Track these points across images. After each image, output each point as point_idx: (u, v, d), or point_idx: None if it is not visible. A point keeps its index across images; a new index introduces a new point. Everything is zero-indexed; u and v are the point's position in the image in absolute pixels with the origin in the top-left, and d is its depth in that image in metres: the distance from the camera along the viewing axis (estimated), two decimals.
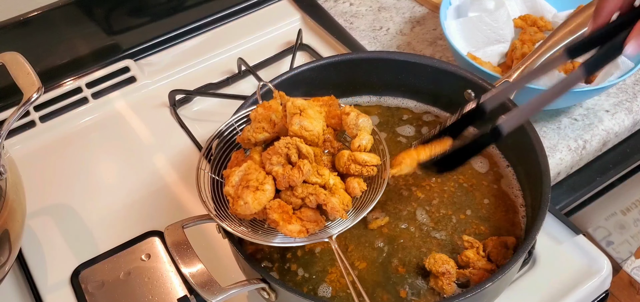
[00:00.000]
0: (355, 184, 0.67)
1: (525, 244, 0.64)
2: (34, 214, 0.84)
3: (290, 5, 1.14)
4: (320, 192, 0.64)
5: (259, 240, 0.65)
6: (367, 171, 0.67)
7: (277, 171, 0.64)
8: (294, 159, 0.65)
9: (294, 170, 0.63)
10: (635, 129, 0.97)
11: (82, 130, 0.96)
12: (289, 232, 0.63)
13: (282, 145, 0.65)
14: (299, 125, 0.67)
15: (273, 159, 0.65)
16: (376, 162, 0.68)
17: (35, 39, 0.99)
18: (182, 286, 0.75)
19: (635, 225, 1.16)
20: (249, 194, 0.63)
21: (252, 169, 0.65)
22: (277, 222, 0.63)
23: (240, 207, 0.63)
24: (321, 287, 0.69)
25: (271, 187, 0.64)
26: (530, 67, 0.80)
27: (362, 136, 0.69)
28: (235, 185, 0.65)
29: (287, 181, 0.64)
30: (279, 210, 0.63)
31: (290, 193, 0.65)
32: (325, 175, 0.66)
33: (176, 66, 1.05)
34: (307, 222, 0.64)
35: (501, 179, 0.78)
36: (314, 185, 0.65)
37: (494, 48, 0.97)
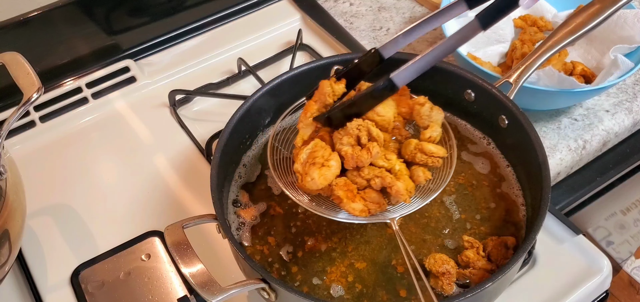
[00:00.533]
0: (420, 172, 0.69)
1: (525, 244, 0.64)
2: (34, 214, 0.84)
3: (290, 5, 1.14)
4: (387, 176, 0.66)
5: (322, 212, 0.67)
6: (432, 162, 0.69)
7: (346, 150, 0.67)
8: (364, 141, 0.67)
9: (363, 151, 0.66)
10: (635, 129, 0.97)
11: (82, 130, 0.96)
12: (352, 209, 0.65)
13: (353, 126, 0.68)
14: (372, 111, 0.69)
15: (344, 139, 0.67)
16: (443, 154, 0.70)
17: (35, 39, 0.99)
18: (182, 286, 0.75)
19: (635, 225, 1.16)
20: (315, 170, 0.66)
21: (319, 147, 0.67)
22: (341, 198, 0.65)
23: (308, 183, 0.66)
24: (321, 287, 0.69)
25: (337, 164, 0.67)
26: (530, 67, 0.80)
27: (433, 128, 0.71)
28: (303, 162, 0.67)
29: (355, 161, 0.66)
30: (344, 188, 0.66)
31: (357, 173, 0.67)
32: (392, 160, 0.68)
33: (176, 66, 1.05)
34: (370, 203, 0.66)
35: (501, 179, 0.78)
36: (381, 168, 0.67)
37: (494, 48, 0.97)
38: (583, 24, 0.83)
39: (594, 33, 0.87)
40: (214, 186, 0.70)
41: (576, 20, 0.83)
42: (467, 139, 0.83)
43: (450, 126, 0.83)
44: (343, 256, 0.71)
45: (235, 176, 0.79)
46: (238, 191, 0.78)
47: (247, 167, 0.81)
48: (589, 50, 0.98)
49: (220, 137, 0.75)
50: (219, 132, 0.85)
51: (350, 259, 0.71)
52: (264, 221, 0.75)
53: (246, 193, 0.77)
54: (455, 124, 0.84)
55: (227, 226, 0.69)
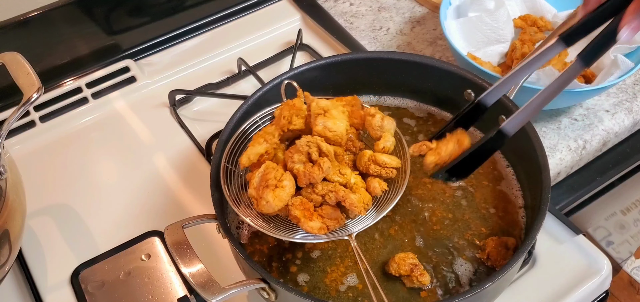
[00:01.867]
0: (376, 183, 0.68)
1: (525, 244, 0.64)
2: (34, 214, 0.84)
3: (290, 5, 1.14)
4: (340, 189, 0.66)
5: (280, 235, 0.66)
6: (386, 173, 0.69)
7: (298, 168, 0.66)
8: (315, 157, 0.66)
9: (315, 167, 0.65)
10: (635, 129, 0.97)
11: (82, 130, 0.96)
12: (310, 228, 0.64)
13: (303, 143, 0.67)
14: (322, 126, 0.68)
15: (294, 157, 0.67)
16: (396, 164, 0.69)
17: (35, 39, 0.99)
18: (182, 286, 0.75)
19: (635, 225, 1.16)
20: (269, 193, 0.64)
21: (270, 168, 0.66)
22: (299, 218, 0.64)
23: (264, 207, 0.65)
24: (321, 287, 0.69)
25: (290, 183, 0.66)
26: None
27: (386, 138, 0.70)
28: (256, 186, 0.66)
29: (307, 178, 0.65)
30: (300, 207, 0.65)
31: (311, 190, 0.66)
32: (346, 174, 0.67)
33: (176, 66, 1.05)
34: (327, 220, 0.65)
35: (501, 179, 0.78)
36: (335, 183, 0.66)
37: (494, 48, 0.97)
38: None
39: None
40: (214, 186, 0.70)
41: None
42: None
43: None
44: (343, 256, 0.71)
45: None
46: None
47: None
48: None
49: (220, 137, 0.75)
50: (219, 132, 0.86)
51: (350, 258, 0.71)
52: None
53: None
54: None
55: (227, 226, 0.69)
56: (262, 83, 0.93)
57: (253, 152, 0.69)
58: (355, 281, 0.69)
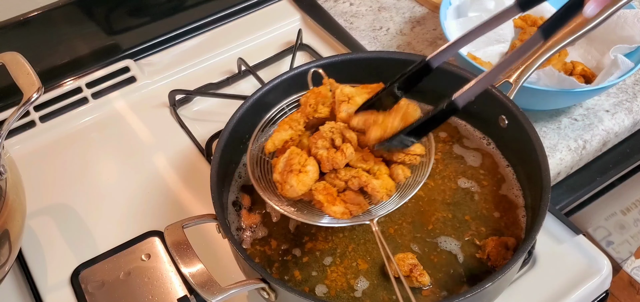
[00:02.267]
0: (399, 170, 0.68)
1: (525, 244, 0.64)
2: (34, 214, 0.84)
3: (290, 5, 1.14)
4: (363, 175, 0.66)
5: (304, 219, 0.67)
6: (410, 159, 0.69)
7: (321, 154, 0.67)
8: (338, 143, 0.67)
9: (338, 153, 0.66)
10: (635, 129, 0.97)
11: (82, 130, 0.96)
12: (333, 213, 0.65)
13: (327, 130, 0.68)
14: (346, 113, 0.69)
15: (318, 143, 0.68)
16: (420, 151, 0.69)
17: (35, 39, 0.99)
18: (182, 286, 0.75)
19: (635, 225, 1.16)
20: (293, 177, 0.66)
21: (294, 154, 0.67)
22: (322, 203, 0.65)
23: (288, 191, 0.66)
24: (321, 287, 0.69)
25: (314, 168, 0.67)
26: (530, 67, 0.80)
27: None
28: (281, 171, 0.67)
29: (330, 163, 0.66)
30: (324, 192, 0.66)
31: (334, 176, 0.67)
32: (369, 161, 0.68)
33: (176, 66, 1.05)
34: (350, 205, 0.66)
35: (501, 179, 0.78)
36: (358, 169, 0.67)
37: (494, 48, 0.97)
38: (583, 24, 0.83)
39: (594, 33, 0.87)
40: (214, 186, 0.70)
41: (576, 20, 0.83)
42: (467, 138, 0.83)
43: (450, 126, 0.83)
44: (343, 256, 0.71)
45: (235, 176, 0.79)
46: (238, 191, 0.78)
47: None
48: (589, 50, 0.98)
49: (220, 137, 0.75)
50: (219, 132, 0.85)
51: (350, 258, 0.71)
52: (264, 221, 0.75)
53: (247, 195, 0.77)
54: (455, 124, 0.84)
55: (227, 226, 0.69)
56: (262, 83, 0.93)
57: (278, 138, 0.70)
58: (356, 281, 0.69)
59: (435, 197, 0.76)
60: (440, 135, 0.83)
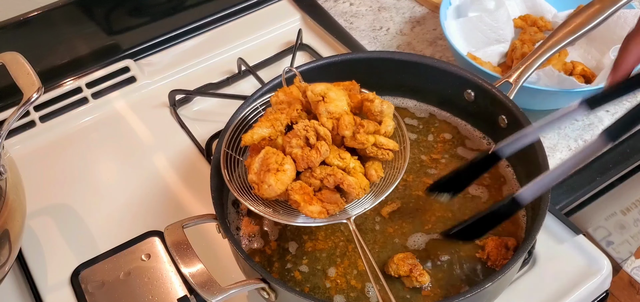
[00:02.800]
0: (373, 170, 0.68)
1: (525, 244, 0.64)
2: (34, 214, 0.84)
3: (290, 5, 1.14)
4: (338, 172, 0.66)
5: (280, 219, 0.67)
6: (382, 154, 0.69)
7: (296, 152, 0.67)
8: (313, 141, 0.67)
9: (312, 151, 0.66)
10: (636, 129, 0.97)
11: (82, 130, 0.96)
12: (310, 212, 0.65)
13: (301, 128, 0.67)
14: (325, 112, 0.68)
15: (292, 142, 0.67)
16: (393, 147, 0.69)
17: (35, 39, 0.99)
18: (182, 286, 0.75)
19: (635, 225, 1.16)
20: (271, 177, 0.65)
21: (270, 153, 0.67)
22: (299, 203, 0.65)
23: (265, 191, 0.65)
24: (321, 287, 0.69)
25: (291, 167, 0.66)
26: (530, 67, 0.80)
27: (386, 123, 0.70)
28: (257, 171, 0.67)
29: (306, 162, 0.66)
30: (300, 191, 0.65)
31: (309, 174, 0.67)
32: (346, 158, 0.68)
33: (176, 66, 1.05)
34: (327, 204, 0.66)
35: (501, 180, 0.78)
36: (333, 167, 0.67)
37: (494, 48, 0.97)
38: (583, 24, 0.83)
39: (594, 33, 0.87)
40: (214, 186, 0.70)
41: (576, 20, 0.83)
42: (467, 138, 0.83)
43: (450, 126, 0.83)
44: (343, 256, 0.71)
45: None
46: None
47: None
48: (589, 50, 0.98)
49: (220, 137, 0.75)
50: (219, 132, 0.86)
51: (350, 258, 0.71)
52: (265, 221, 0.75)
53: None
54: (455, 124, 0.84)
55: (227, 226, 0.69)
56: (262, 83, 0.93)
57: (258, 134, 0.69)
58: (356, 281, 0.69)
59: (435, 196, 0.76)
60: (441, 136, 0.83)
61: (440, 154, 0.81)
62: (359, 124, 0.69)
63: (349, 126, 0.68)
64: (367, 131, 0.68)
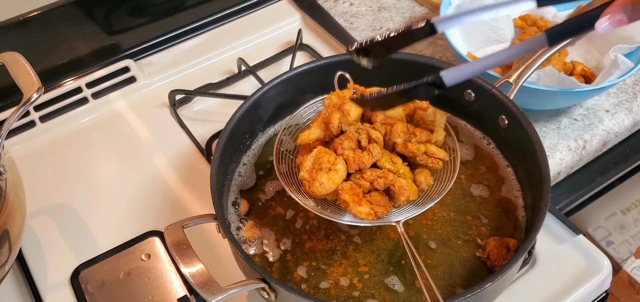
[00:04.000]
0: (422, 178, 0.70)
1: (524, 245, 0.64)
2: (34, 214, 0.84)
3: (290, 5, 1.14)
4: (389, 174, 0.68)
5: (328, 216, 0.68)
6: (432, 163, 0.70)
7: (348, 154, 0.68)
8: (364, 144, 0.69)
9: (364, 153, 0.68)
10: (635, 129, 0.97)
11: (82, 130, 0.96)
12: (359, 213, 0.66)
13: (353, 130, 0.70)
14: (382, 115, 0.71)
15: (345, 144, 0.69)
16: (443, 156, 0.71)
17: (35, 39, 0.99)
18: (182, 285, 0.75)
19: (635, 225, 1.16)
20: (323, 175, 0.67)
21: (323, 152, 0.69)
22: (348, 203, 0.66)
23: (316, 188, 0.67)
24: (321, 287, 0.69)
25: (343, 167, 0.68)
26: (530, 67, 0.80)
27: (438, 133, 0.72)
28: (309, 169, 0.69)
29: (357, 163, 0.68)
30: (350, 191, 0.67)
31: (360, 176, 0.68)
32: (397, 163, 0.70)
33: (176, 66, 1.05)
34: (376, 206, 0.67)
35: (501, 180, 0.78)
36: (384, 169, 0.69)
37: (494, 48, 0.97)
38: None
39: (594, 33, 0.87)
40: (214, 186, 0.70)
41: None
42: (467, 139, 0.83)
43: (451, 125, 0.83)
44: (343, 256, 0.71)
45: (235, 176, 0.79)
46: (238, 191, 0.78)
47: (247, 167, 0.81)
48: (589, 50, 0.98)
49: (220, 137, 0.75)
50: (219, 132, 0.85)
51: (350, 259, 0.71)
52: (265, 221, 0.75)
53: (245, 200, 0.77)
54: (455, 124, 0.84)
55: (227, 226, 0.69)
56: (262, 83, 0.93)
57: (313, 134, 0.72)
58: (356, 281, 0.69)
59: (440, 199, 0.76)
60: None
61: None
62: (412, 132, 0.71)
63: (401, 134, 0.70)
64: (419, 141, 0.70)
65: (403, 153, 0.71)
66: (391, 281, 0.69)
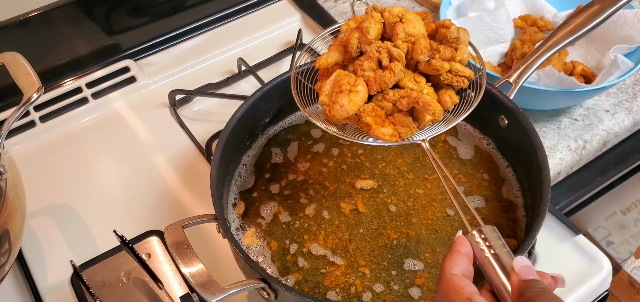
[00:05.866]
0: (447, 97, 0.67)
1: (524, 244, 0.64)
2: (34, 214, 0.84)
3: (290, 5, 1.14)
4: (412, 92, 0.64)
5: (351, 138, 0.66)
6: (457, 82, 0.67)
7: (368, 75, 0.65)
8: (385, 63, 0.65)
9: (386, 72, 0.65)
10: (635, 129, 0.97)
11: (82, 130, 0.96)
12: (382, 135, 0.63)
13: (373, 49, 0.66)
14: (404, 33, 0.66)
15: (364, 65, 0.66)
16: (469, 74, 0.68)
17: (35, 39, 0.99)
18: (183, 285, 0.75)
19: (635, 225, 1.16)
20: (343, 97, 0.64)
21: (342, 75, 0.66)
22: (370, 125, 0.64)
23: (337, 111, 0.64)
24: (321, 287, 0.69)
25: (364, 88, 0.65)
26: (530, 67, 0.80)
27: (462, 50, 0.68)
28: (328, 93, 0.66)
29: (379, 84, 0.65)
30: (372, 113, 0.64)
31: (381, 97, 0.65)
32: (421, 83, 0.66)
33: (176, 66, 1.05)
34: (399, 127, 0.65)
35: (501, 180, 0.78)
36: (406, 88, 0.65)
37: (494, 48, 0.97)
38: (583, 24, 0.83)
39: (594, 33, 0.87)
40: (214, 186, 0.70)
41: (576, 20, 0.83)
42: (467, 139, 0.83)
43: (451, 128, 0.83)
44: (343, 256, 0.71)
45: (235, 176, 0.79)
46: (238, 191, 0.78)
47: (247, 167, 0.81)
48: (589, 50, 0.98)
49: (220, 137, 0.75)
50: (219, 132, 0.86)
51: (350, 259, 0.71)
52: (264, 221, 0.75)
53: (242, 202, 0.77)
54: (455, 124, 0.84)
55: (227, 226, 0.69)
56: (262, 83, 0.94)
57: (332, 58, 0.69)
58: (356, 281, 0.69)
59: (435, 196, 0.76)
60: (441, 136, 0.83)
61: (439, 154, 0.81)
62: (435, 49, 0.67)
63: (424, 50, 0.66)
64: (443, 57, 0.66)
65: (426, 72, 0.67)
66: (391, 280, 0.69)
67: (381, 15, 0.69)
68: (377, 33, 0.67)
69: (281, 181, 0.79)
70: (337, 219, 0.74)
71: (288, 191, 0.78)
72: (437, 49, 0.66)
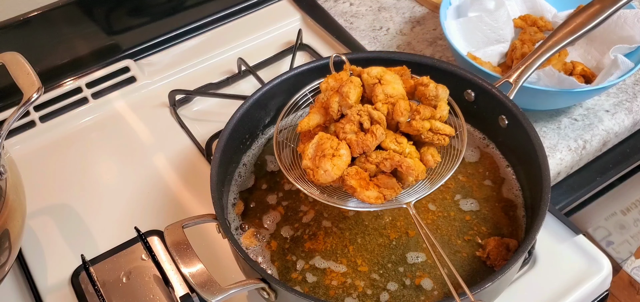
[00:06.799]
0: (429, 156, 0.67)
1: (524, 244, 0.64)
2: (34, 214, 0.84)
3: (290, 5, 1.14)
4: (395, 155, 0.65)
5: (334, 203, 0.66)
6: (438, 140, 0.68)
7: (350, 138, 0.66)
8: (367, 126, 0.66)
9: (368, 135, 0.65)
10: (635, 129, 0.97)
11: (82, 130, 0.96)
12: (367, 198, 0.64)
13: (354, 113, 0.67)
14: (383, 94, 0.67)
15: (346, 127, 0.67)
16: (449, 132, 0.68)
17: (35, 39, 0.99)
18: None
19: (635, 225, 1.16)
20: (327, 162, 0.64)
21: (325, 138, 0.66)
22: (355, 188, 0.64)
23: (321, 176, 0.65)
24: (321, 287, 0.69)
25: (347, 152, 0.66)
26: (530, 67, 0.80)
27: (442, 107, 0.69)
28: (311, 157, 0.66)
29: (361, 146, 0.65)
30: (356, 176, 0.65)
31: (364, 159, 0.66)
32: (403, 143, 0.67)
33: (176, 66, 1.05)
34: (384, 189, 0.65)
35: (501, 180, 0.78)
36: (389, 150, 0.66)
37: (494, 48, 0.97)
38: (583, 24, 0.83)
39: (594, 33, 0.87)
40: (214, 186, 0.70)
41: (576, 20, 0.83)
42: (467, 139, 0.83)
43: None
44: (343, 256, 0.71)
45: (235, 176, 0.79)
46: (238, 191, 0.78)
47: (247, 167, 0.81)
48: (589, 50, 0.98)
49: (220, 137, 0.75)
50: (219, 132, 0.86)
51: (350, 259, 0.71)
52: (264, 221, 0.75)
53: (241, 201, 0.77)
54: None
55: (227, 226, 0.69)
56: (262, 83, 0.93)
57: (313, 121, 0.69)
58: (356, 281, 0.69)
59: (435, 196, 0.76)
60: None
61: None
62: (415, 110, 0.68)
63: (404, 112, 0.67)
64: (423, 117, 0.67)
65: (407, 132, 0.69)
66: (391, 280, 0.69)
67: (360, 78, 0.70)
68: (357, 97, 0.69)
69: (281, 180, 0.79)
70: (338, 219, 0.74)
71: (288, 191, 0.78)
72: (417, 110, 0.68)
